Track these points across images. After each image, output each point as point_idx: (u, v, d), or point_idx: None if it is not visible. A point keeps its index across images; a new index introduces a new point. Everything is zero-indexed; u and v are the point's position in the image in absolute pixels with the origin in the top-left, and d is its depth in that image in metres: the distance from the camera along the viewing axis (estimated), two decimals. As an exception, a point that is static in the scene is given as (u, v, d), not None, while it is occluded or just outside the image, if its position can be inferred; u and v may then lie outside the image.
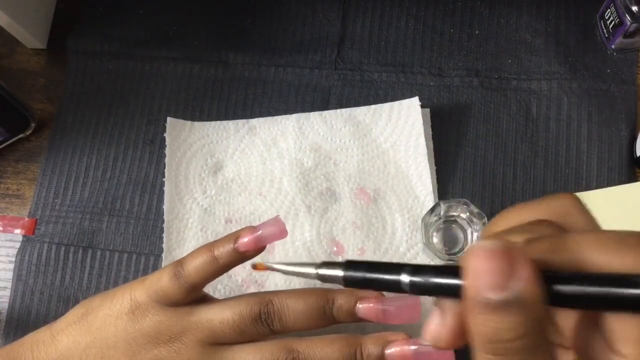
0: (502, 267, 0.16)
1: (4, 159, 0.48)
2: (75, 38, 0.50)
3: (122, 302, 0.34)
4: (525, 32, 0.48)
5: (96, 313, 0.34)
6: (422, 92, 0.47)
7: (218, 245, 0.33)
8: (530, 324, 0.16)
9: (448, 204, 0.40)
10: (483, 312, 0.17)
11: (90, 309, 0.34)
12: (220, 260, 0.33)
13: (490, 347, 0.17)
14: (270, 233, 0.33)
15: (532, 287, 0.16)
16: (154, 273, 0.34)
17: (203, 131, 0.46)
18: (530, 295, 0.16)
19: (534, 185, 0.44)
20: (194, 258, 0.33)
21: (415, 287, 0.19)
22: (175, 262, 0.33)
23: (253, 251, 0.33)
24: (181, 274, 0.32)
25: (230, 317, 0.33)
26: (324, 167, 0.45)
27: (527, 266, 0.16)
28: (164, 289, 0.33)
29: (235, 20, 0.50)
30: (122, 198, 0.46)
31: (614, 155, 0.44)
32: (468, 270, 0.17)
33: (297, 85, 0.48)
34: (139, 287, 0.34)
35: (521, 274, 0.16)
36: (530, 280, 0.16)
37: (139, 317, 0.33)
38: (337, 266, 0.22)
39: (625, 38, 0.44)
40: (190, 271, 0.32)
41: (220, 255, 0.32)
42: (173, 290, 0.32)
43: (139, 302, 0.33)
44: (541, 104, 0.46)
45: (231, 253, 0.32)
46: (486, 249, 0.16)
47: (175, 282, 0.32)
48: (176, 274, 0.32)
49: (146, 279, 0.34)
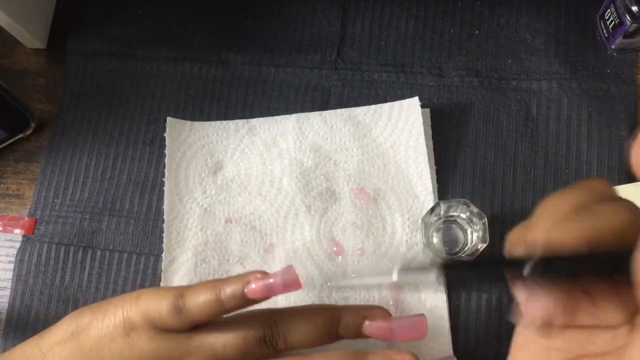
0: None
1: (4, 159, 0.48)
2: (75, 38, 0.50)
3: (114, 320, 0.32)
4: (525, 32, 0.48)
5: (87, 332, 0.32)
6: (422, 92, 0.47)
7: (225, 287, 0.31)
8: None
9: (448, 204, 0.40)
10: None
11: (80, 326, 0.32)
12: (226, 304, 0.31)
13: None
14: (281, 283, 0.31)
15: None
16: (150, 293, 0.32)
17: (203, 131, 0.46)
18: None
19: (534, 185, 0.44)
20: (198, 294, 0.31)
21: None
22: (176, 293, 0.31)
23: (262, 299, 0.31)
24: (182, 309, 0.31)
25: (234, 341, 0.32)
26: (324, 167, 0.45)
27: None
28: (162, 318, 0.31)
29: (235, 20, 0.50)
30: (122, 198, 0.46)
31: (614, 155, 0.44)
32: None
33: (297, 85, 0.48)
34: (132, 305, 0.32)
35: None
36: None
37: (135, 340, 0.31)
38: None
39: (625, 38, 0.44)
40: (192, 308, 0.31)
41: (226, 298, 0.31)
42: (171, 323, 0.31)
43: (133, 323, 0.31)
44: (541, 104, 0.46)
45: (238, 298, 0.31)
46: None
47: (175, 316, 0.31)
48: (177, 307, 0.31)
49: (140, 297, 0.32)
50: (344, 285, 0.25)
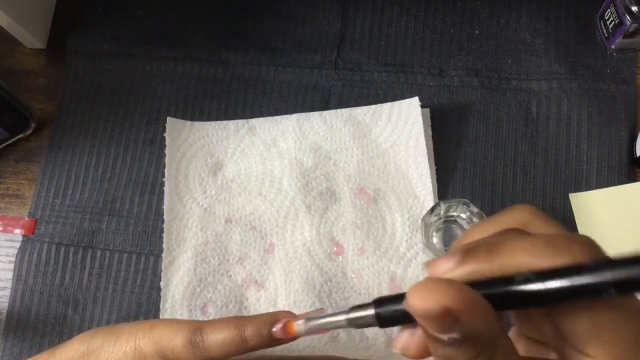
0: (445, 317, 0.17)
1: (4, 159, 0.48)
2: (75, 38, 0.50)
3: (125, 347, 0.31)
4: (525, 32, 0.48)
5: (98, 355, 0.31)
6: (422, 92, 0.47)
7: (250, 325, 0.29)
8: (480, 347, 0.17)
9: (448, 204, 0.40)
10: (436, 343, 0.18)
11: (91, 348, 0.32)
12: (250, 343, 0.29)
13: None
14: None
15: (477, 324, 0.17)
16: (165, 324, 0.31)
17: (203, 131, 0.46)
18: (477, 331, 0.17)
19: (534, 185, 0.44)
20: (218, 330, 0.29)
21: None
22: (193, 326, 0.30)
23: (288, 340, 0.29)
24: (199, 345, 0.29)
25: None
26: (324, 167, 0.45)
27: (469, 308, 0.17)
28: (175, 352, 0.29)
29: (235, 20, 0.50)
30: (122, 198, 0.46)
31: (614, 155, 0.44)
32: (415, 315, 0.18)
33: (297, 85, 0.48)
34: (145, 335, 0.31)
35: (462, 318, 0.17)
36: (474, 319, 0.17)
37: None
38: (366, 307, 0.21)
39: (625, 38, 0.44)
40: (211, 345, 0.29)
41: (251, 337, 0.29)
42: (184, 357, 0.29)
43: (144, 353, 0.30)
44: (541, 104, 0.46)
45: (264, 338, 0.29)
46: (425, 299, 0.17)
47: (191, 352, 0.29)
48: (193, 342, 0.29)
49: (155, 327, 0.31)
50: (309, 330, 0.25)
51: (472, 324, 0.17)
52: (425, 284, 0.17)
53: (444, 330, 0.17)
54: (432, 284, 0.17)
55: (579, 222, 0.43)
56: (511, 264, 0.18)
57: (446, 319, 0.17)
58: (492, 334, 0.17)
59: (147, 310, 0.44)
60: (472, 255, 0.19)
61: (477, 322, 0.17)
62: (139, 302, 0.44)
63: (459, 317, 0.17)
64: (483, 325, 0.17)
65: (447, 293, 0.17)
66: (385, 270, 0.42)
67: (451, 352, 0.17)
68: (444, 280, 0.18)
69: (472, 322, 0.17)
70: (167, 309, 0.42)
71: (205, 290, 0.42)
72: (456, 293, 0.17)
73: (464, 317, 0.17)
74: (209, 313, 0.42)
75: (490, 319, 0.17)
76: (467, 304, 0.17)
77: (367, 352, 0.40)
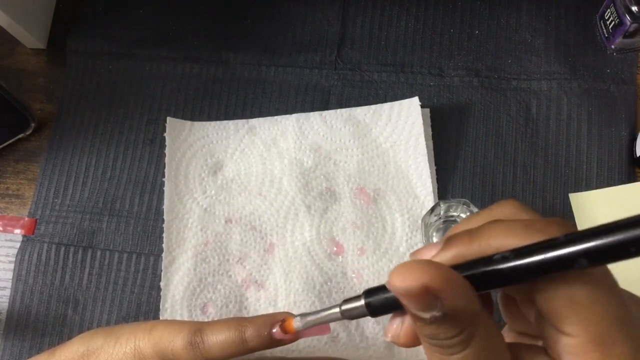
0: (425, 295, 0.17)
1: (4, 159, 0.48)
2: (75, 38, 0.50)
3: (125, 348, 0.31)
4: (525, 32, 0.48)
5: (97, 356, 0.31)
6: (422, 92, 0.47)
7: (250, 326, 0.29)
8: (462, 324, 0.18)
9: (448, 204, 0.40)
10: (419, 322, 0.18)
11: (91, 348, 0.32)
12: (250, 344, 0.29)
13: (433, 342, 0.19)
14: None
15: (456, 301, 0.17)
16: (165, 325, 0.31)
17: (203, 131, 0.46)
18: (457, 308, 0.17)
19: (534, 185, 0.44)
20: (218, 331, 0.29)
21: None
22: (193, 327, 0.30)
23: (289, 341, 0.29)
24: (199, 346, 0.29)
25: None
26: (324, 167, 0.45)
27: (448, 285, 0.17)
28: (175, 353, 0.29)
29: (235, 20, 0.50)
30: (122, 198, 0.46)
31: (614, 155, 0.44)
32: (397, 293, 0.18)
33: (297, 85, 0.48)
34: (145, 336, 0.31)
35: (442, 295, 0.17)
36: (453, 296, 0.17)
37: None
38: (357, 298, 0.22)
39: (625, 38, 0.44)
40: (211, 346, 0.29)
41: (251, 338, 0.29)
42: (184, 358, 0.29)
43: (143, 354, 0.30)
44: (541, 104, 0.46)
45: (265, 339, 0.29)
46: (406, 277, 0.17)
47: (191, 352, 0.29)
48: (193, 343, 0.29)
49: (155, 328, 0.31)
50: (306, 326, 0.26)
51: (452, 300, 0.17)
52: (405, 264, 0.18)
53: (425, 308, 0.17)
54: (412, 264, 0.18)
55: (579, 222, 0.43)
56: (490, 246, 0.19)
57: (426, 297, 0.17)
58: (472, 311, 0.18)
59: (147, 310, 0.44)
60: (453, 240, 0.20)
61: (457, 299, 0.17)
62: (139, 302, 0.44)
63: (438, 295, 0.17)
64: (463, 302, 0.17)
65: (426, 271, 0.17)
66: (385, 270, 0.42)
67: (434, 331, 0.18)
68: (424, 261, 0.18)
69: (452, 299, 0.17)
70: (167, 309, 0.42)
71: (205, 290, 0.42)
72: (435, 271, 0.17)
73: (443, 295, 0.17)
74: (209, 313, 0.42)
75: (470, 297, 0.18)
76: (446, 281, 0.17)
77: (367, 352, 0.40)
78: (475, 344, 0.18)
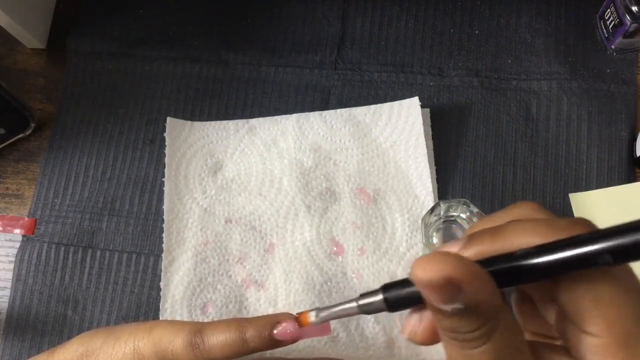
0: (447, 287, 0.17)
1: (4, 159, 0.48)
2: (75, 38, 0.50)
3: (124, 349, 0.31)
4: (525, 32, 0.48)
5: (97, 356, 0.31)
6: (422, 92, 0.47)
7: (251, 327, 0.29)
8: (483, 318, 0.18)
9: (448, 204, 0.40)
10: (440, 315, 0.18)
11: (90, 349, 0.32)
12: (250, 344, 0.29)
13: (453, 336, 0.18)
14: (312, 328, 0.29)
15: (478, 293, 0.17)
16: (165, 326, 0.31)
17: (203, 131, 0.46)
18: (479, 301, 0.17)
19: (534, 185, 0.44)
20: (219, 332, 0.29)
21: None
22: (193, 328, 0.30)
23: (290, 342, 0.29)
24: (200, 347, 0.29)
25: None
26: (324, 167, 0.45)
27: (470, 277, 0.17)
28: (175, 355, 0.29)
29: (235, 20, 0.50)
30: (122, 198, 0.46)
31: (614, 155, 0.44)
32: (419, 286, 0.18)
33: (297, 85, 0.48)
34: (145, 336, 0.30)
35: (465, 287, 0.17)
36: (476, 288, 0.17)
37: None
38: (375, 293, 0.22)
39: (625, 38, 0.44)
40: (212, 347, 0.29)
41: (251, 338, 0.29)
42: (184, 359, 0.29)
43: (143, 355, 0.30)
44: (541, 104, 0.46)
45: (265, 340, 0.29)
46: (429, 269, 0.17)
47: (191, 353, 0.29)
48: (194, 344, 0.29)
49: (154, 328, 0.31)
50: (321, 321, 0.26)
51: (474, 293, 0.17)
52: (428, 256, 0.18)
53: (447, 300, 0.17)
54: (435, 255, 0.18)
55: (579, 222, 0.43)
56: (513, 244, 0.19)
57: (449, 288, 0.17)
58: (494, 305, 0.18)
59: (147, 310, 0.44)
60: (476, 238, 0.20)
61: (479, 291, 0.17)
62: (139, 302, 0.44)
63: (461, 286, 0.17)
64: (485, 295, 0.17)
65: (449, 263, 0.17)
66: (385, 270, 0.42)
67: (455, 324, 0.18)
68: (446, 253, 0.18)
69: (474, 292, 0.17)
70: (167, 309, 0.42)
71: (205, 290, 0.42)
72: (458, 263, 0.17)
73: (466, 286, 0.17)
74: (209, 313, 0.42)
75: (492, 291, 0.18)
76: (469, 273, 0.17)
77: (367, 352, 0.40)
78: (496, 338, 0.18)
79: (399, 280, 0.21)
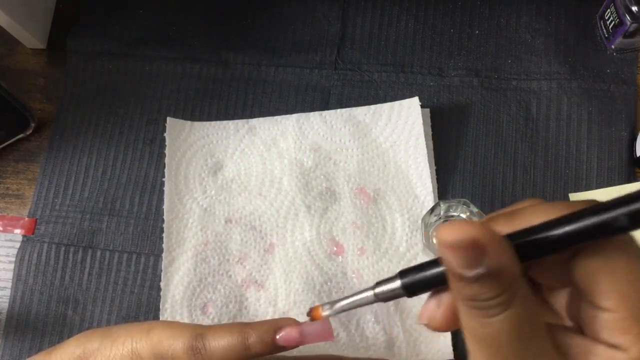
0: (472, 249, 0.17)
1: (4, 159, 0.48)
2: (75, 38, 0.50)
3: (122, 350, 0.30)
4: (525, 32, 0.48)
5: (94, 358, 0.31)
6: (422, 92, 0.47)
7: (253, 332, 0.29)
8: (504, 284, 0.18)
9: (448, 204, 0.40)
10: (462, 283, 0.18)
11: (87, 351, 0.31)
12: (253, 350, 0.29)
13: (473, 305, 0.19)
14: (314, 332, 0.29)
15: (501, 259, 0.18)
16: (164, 328, 0.30)
17: (203, 131, 0.46)
18: (501, 266, 0.18)
19: (534, 185, 0.44)
20: (220, 337, 0.29)
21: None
22: (194, 331, 0.29)
23: (292, 347, 0.29)
24: (201, 352, 0.28)
25: None
26: (324, 167, 0.45)
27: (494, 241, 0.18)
28: (174, 357, 0.29)
29: (235, 20, 0.50)
30: (122, 198, 0.46)
31: (614, 155, 0.44)
32: (442, 252, 0.18)
33: (297, 85, 0.48)
34: (142, 338, 0.30)
35: (488, 251, 0.17)
36: (499, 253, 0.18)
37: None
38: (392, 280, 0.22)
39: (625, 38, 0.44)
40: (213, 351, 0.28)
41: (254, 344, 0.29)
42: None
43: (141, 357, 0.30)
44: (541, 104, 0.46)
45: (268, 345, 0.29)
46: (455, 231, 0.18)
47: (192, 358, 0.28)
48: (195, 348, 0.28)
49: (152, 330, 0.30)
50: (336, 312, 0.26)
51: (497, 257, 0.17)
52: (453, 222, 0.18)
53: (471, 263, 0.18)
54: (460, 222, 0.18)
55: (579, 222, 0.43)
56: (531, 224, 0.19)
57: (473, 251, 0.17)
58: (515, 272, 0.18)
59: (147, 310, 0.44)
60: (493, 220, 0.20)
61: (502, 256, 0.18)
62: (139, 302, 0.44)
63: (485, 250, 0.17)
64: (507, 261, 0.18)
65: (474, 227, 0.18)
66: (385, 270, 0.42)
67: (476, 290, 0.18)
68: (470, 221, 0.18)
69: (497, 256, 0.17)
70: (167, 309, 0.42)
71: (205, 290, 0.42)
72: (482, 229, 0.18)
73: (490, 250, 0.17)
74: (209, 313, 0.42)
75: (513, 258, 0.18)
76: (492, 237, 0.17)
77: (367, 352, 0.40)
78: (515, 306, 0.18)
79: (414, 266, 0.21)
